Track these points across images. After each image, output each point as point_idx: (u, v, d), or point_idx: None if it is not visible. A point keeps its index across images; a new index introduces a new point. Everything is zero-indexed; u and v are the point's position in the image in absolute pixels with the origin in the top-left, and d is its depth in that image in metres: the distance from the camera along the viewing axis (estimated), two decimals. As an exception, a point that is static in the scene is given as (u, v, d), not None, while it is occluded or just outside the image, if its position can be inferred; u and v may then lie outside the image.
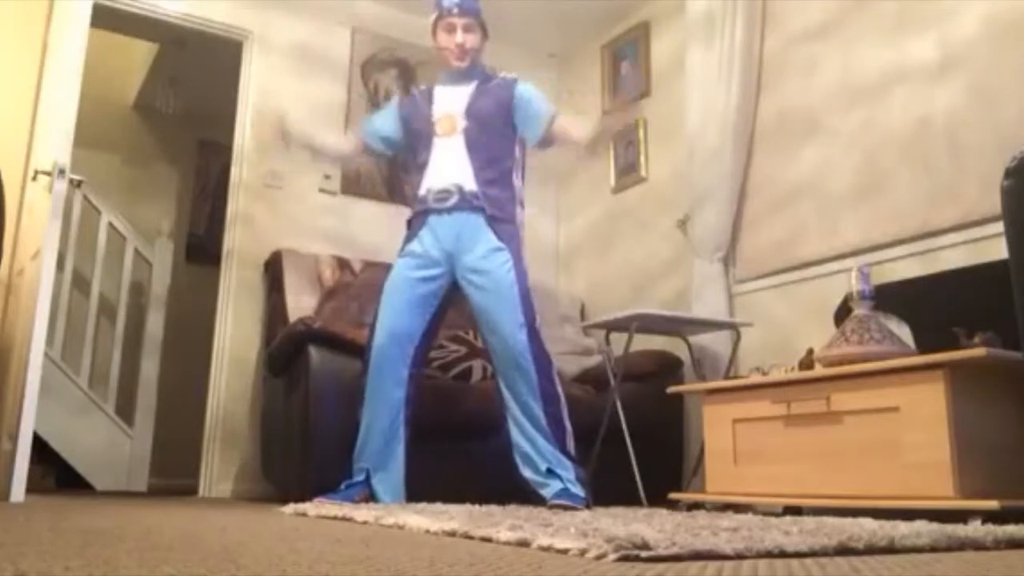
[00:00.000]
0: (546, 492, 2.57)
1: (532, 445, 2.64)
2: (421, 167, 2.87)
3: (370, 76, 4.30)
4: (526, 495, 2.65)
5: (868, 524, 1.70)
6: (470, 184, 2.78)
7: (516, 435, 2.67)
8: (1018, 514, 1.96)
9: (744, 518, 2.06)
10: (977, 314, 2.31)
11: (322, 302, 3.71)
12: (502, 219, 2.79)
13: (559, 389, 2.70)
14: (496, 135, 2.87)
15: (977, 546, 1.40)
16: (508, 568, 1.01)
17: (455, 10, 2.93)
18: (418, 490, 2.73)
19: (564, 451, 2.64)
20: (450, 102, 2.92)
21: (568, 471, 2.61)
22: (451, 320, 3.10)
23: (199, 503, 3.05)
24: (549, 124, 2.86)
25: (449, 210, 2.77)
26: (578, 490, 2.56)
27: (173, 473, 4.62)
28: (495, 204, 2.79)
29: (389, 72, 4.34)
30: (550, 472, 2.60)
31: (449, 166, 2.81)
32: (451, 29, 2.93)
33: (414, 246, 2.82)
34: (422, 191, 2.84)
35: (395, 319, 2.75)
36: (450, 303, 2.88)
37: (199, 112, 5.53)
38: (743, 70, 3.61)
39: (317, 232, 4.06)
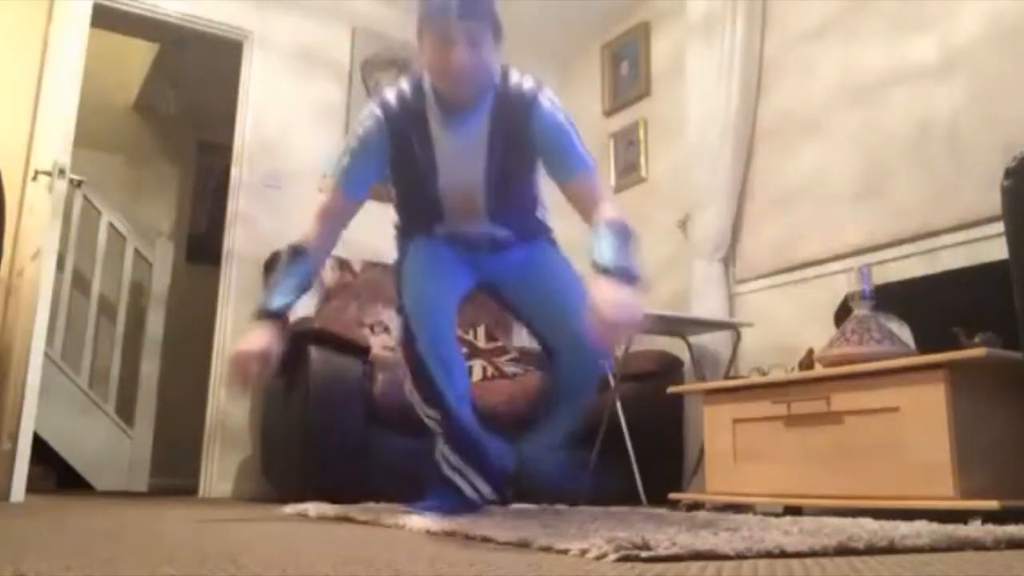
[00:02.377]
0: None
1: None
2: (429, 220, 2.25)
3: (370, 75, 4.30)
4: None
5: (868, 524, 1.70)
6: (500, 233, 2.25)
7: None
8: (1018, 514, 1.96)
9: (744, 518, 2.06)
10: (977, 314, 2.31)
11: (322, 302, 3.70)
12: (534, 239, 2.34)
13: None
14: (522, 187, 2.25)
15: (977, 546, 1.40)
16: (508, 568, 1.01)
17: (452, 11, 1.93)
18: (418, 490, 2.72)
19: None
20: (458, 165, 2.13)
21: None
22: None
23: (199, 503, 3.05)
24: (575, 182, 2.14)
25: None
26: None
27: (173, 473, 4.61)
28: (528, 234, 2.31)
29: (389, 71, 4.33)
30: None
31: (471, 231, 2.24)
32: (445, 39, 1.95)
33: (438, 230, 2.24)
34: (441, 231, 2.24)
35: (438, 303, 2.13)
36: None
37: (199, 112, 5.52)
38: (743, 70, 3.61)
39: (317, 232, 4.04)
